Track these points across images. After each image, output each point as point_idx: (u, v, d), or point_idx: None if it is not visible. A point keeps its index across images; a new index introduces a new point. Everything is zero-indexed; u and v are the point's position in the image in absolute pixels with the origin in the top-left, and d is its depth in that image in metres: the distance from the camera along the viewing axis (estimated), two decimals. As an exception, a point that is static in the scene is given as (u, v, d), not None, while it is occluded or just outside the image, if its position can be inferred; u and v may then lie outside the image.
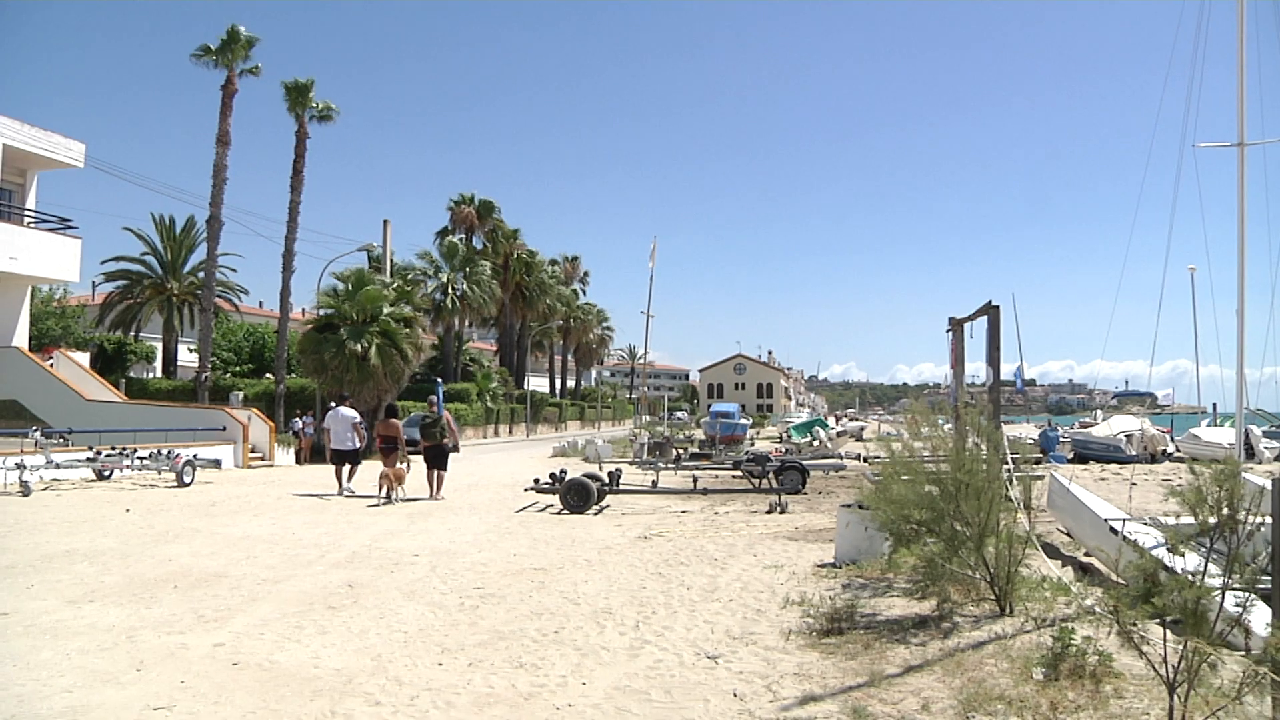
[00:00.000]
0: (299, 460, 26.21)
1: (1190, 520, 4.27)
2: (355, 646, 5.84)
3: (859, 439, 41.32)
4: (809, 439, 32.33)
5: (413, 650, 5.75)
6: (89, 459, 17.27)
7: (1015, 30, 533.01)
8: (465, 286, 45.14)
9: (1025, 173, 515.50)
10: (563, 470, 14.58)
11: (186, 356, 39.86)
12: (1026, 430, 41.35)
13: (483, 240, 52.44)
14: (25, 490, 14.72)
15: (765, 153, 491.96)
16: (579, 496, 13.46)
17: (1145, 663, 4.23)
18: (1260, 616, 4.64)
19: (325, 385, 28.17)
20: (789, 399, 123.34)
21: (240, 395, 30.09)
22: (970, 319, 12.35)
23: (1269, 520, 4.19)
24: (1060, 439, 31.20)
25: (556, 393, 69.34)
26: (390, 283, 32.36)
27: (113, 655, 5.56)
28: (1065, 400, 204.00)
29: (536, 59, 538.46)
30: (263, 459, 24.49)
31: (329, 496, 15.39)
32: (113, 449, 17.91)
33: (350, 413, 16.60)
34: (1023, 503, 6.85)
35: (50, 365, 25.84)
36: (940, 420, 8.03)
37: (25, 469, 15.06)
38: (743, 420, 36.92)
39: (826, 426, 37.84)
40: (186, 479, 17.14)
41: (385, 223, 36.67)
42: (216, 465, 20.81)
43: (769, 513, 13.15)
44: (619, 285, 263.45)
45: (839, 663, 5.39)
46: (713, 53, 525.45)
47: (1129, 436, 27.64)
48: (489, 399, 46.28)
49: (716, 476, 18.54)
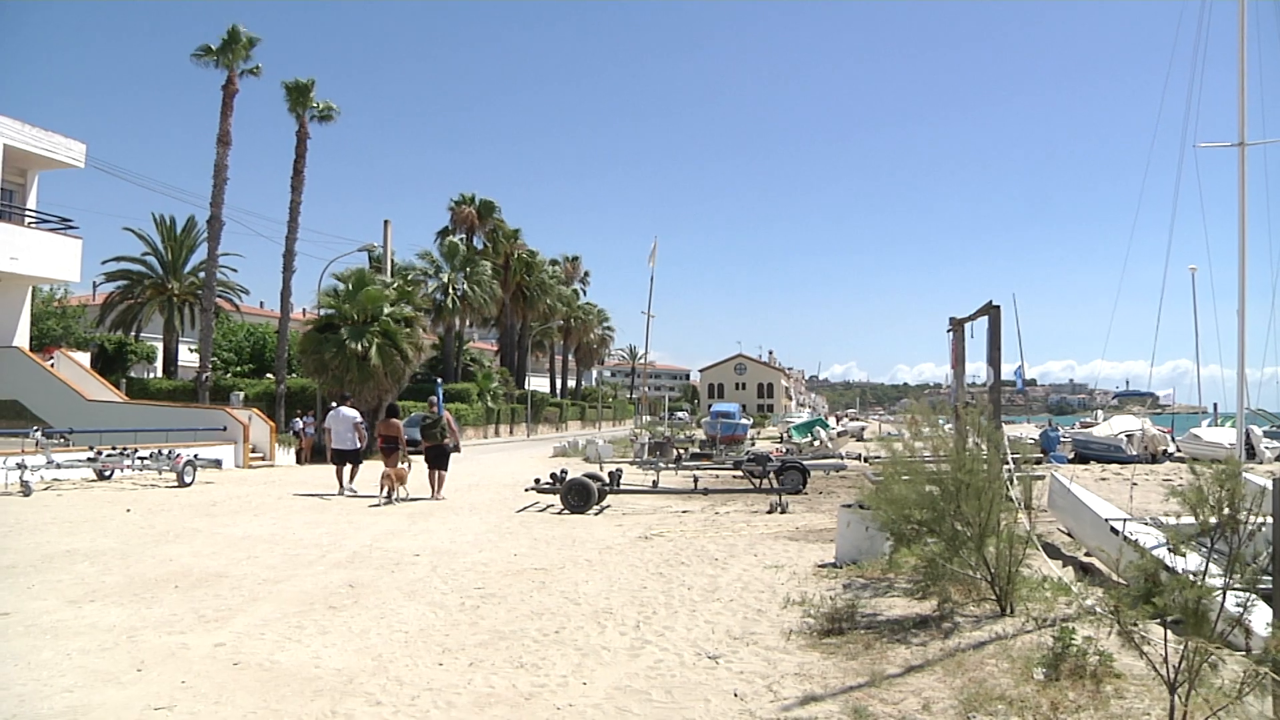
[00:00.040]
0: (300, 460, 26.23)
1: (1191, 520, 4.27)
2: (356, 646, 5.84)
3: (859, 439, 41.31)
4: (810, 439, 32.33)
5: (413, 650, 5.75)
6: (90, 459, 17.29)
7: (1015, 30, 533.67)
8: (466, 286, 45.16)
9: (1025, 173, 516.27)
10: (563, 470, 14.58)
11: (187, 356, 39.90)
12: (1027, 430, 41.33)
13: (483, 240, 52.45)
14: (26, 490, 14.73)
15: (765, 153, 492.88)
16: (580, 496, 13.47)
17: (1146, 663, 4.23)
18: (1261, 617, 4.64)
19: (326, 385, 28.17)
20: (789, 399, 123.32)
21: (241, 395, 30.09)
22: (971, 319, 12.35)
23: (1270, 520, 4.19)
24: (1061, 439, 31.20)
25: (557, 393, 69.34)
26: (391, 283, 32.35)
27: (113, 655, 5.56)
28: (1066, 400, 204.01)
29: (536, 59, 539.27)
30: (263, 459, 24.51)
31: (330, 496, 15.40)
32: (113, 449, 17.92)
33: (351, 413, 16.62)
34: (1023, 503, 6.85)
35: (51, 365, 25.86)
36: (941, 420, 8.03)
37: (26, 469, 15.06)
38: (743, 420, 36.87)
39: (827, 426, 37.81)
40: (187, 479, 17.15)
41: (386, 223, 36.72)
42: (217, 465, 20.84)
43: (770, 513, 13.15)
44: (619, 285, 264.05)
45: (840, 663, 5.39)
46: (713, 53, 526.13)
47: (1130, 436, 27.62)
48: (489, 399, 46.29)
49: (717, 476, 18.53)
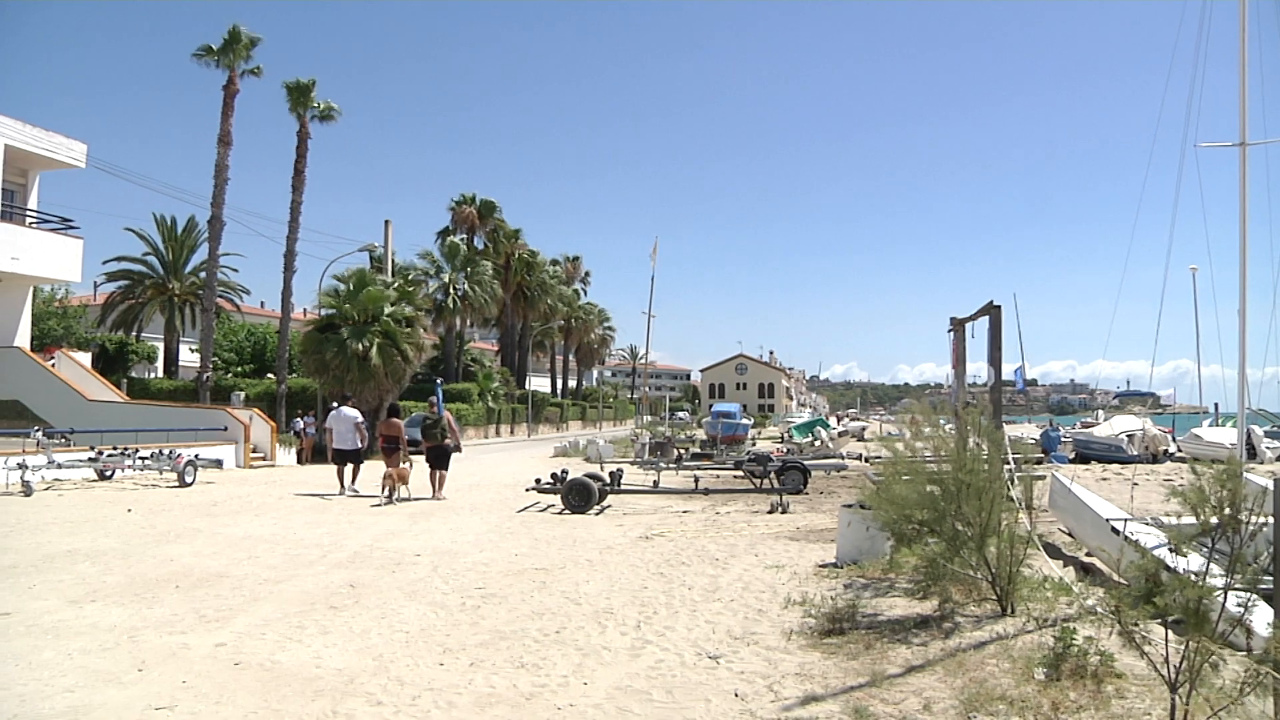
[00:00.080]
0: (300, 460, 26.24)
1: (1192, 520, 4.26)
2: (357, 646, 5.84)
3: (860, 439, 41.30)
4: (810, 439, 32.32)
5: (414, 650, 5.75)
6: (91, 459, 17.30)
7: (1015, 30, 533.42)
8: (467, 286, 45.17)
9: (1025, 173, 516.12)
10: (564, 470, 14.58)
11: (188, 356, 39.92)
12: (1028, 430, 41.33)
13: (484, 240, 52.44)
14: (27, 490, 14.74)
15: (765, 153, 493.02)
16: (580, 496, 13.47)
17: (1147, 663, 4.23)
18: (1262, 617, 4.64)
19: (326, 385, 28.18)
20: (790, 399, 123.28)
21: (242, 395, 30.13)
22: (971, 319, 12.36)
23: (1271, 520, 4.19)
24: (1062, 439, 31.21)
25: (558, 393, 69.36)
26: (392, 283, 32.36)
27: (114, 655, 5.56)
28: (1067, 400, 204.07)
29: (536, 59, 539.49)
30: (264, 459, 24.52)
31: (330, 496, 15.41)
32: (114, 449, 17.93)
33: (353, 413, 16.62)
34: (1024, 503, 6.84)
35: (52, 365, 25.87)
36: (942, 420, 8.03)
37: (27, 469, 15.07)
38: (744, 420, 36.88)
39: (828, 426, 37.82)
40: (188, 479, 17.15)
41: (387, 223, 36.68)
42: (218, 465, 20.84)
43: (770, 513, 13.15)
44: (620, 285, 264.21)
45: (840, 663, 5.39)
46: (713, 53, 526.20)
47: (1130, 436, 27.59)
48: (490, 399, 46.30)
49: (718, 476, 18.53)
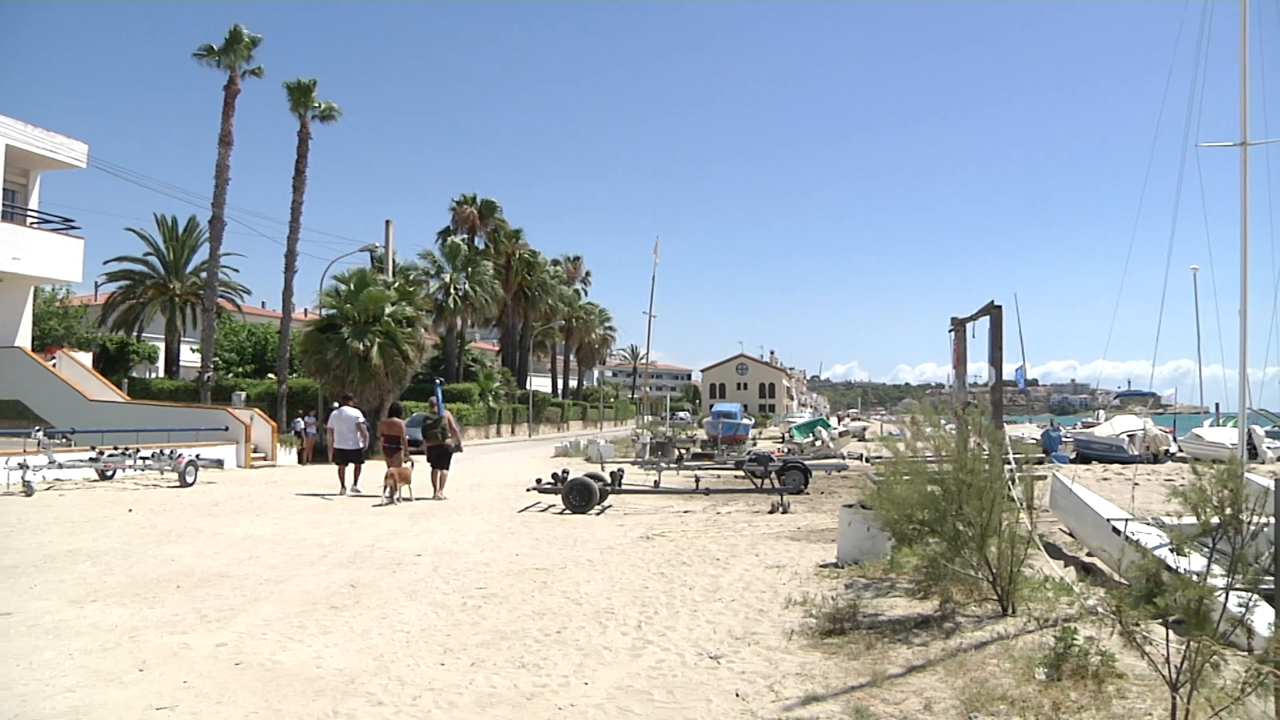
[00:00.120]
0: (301, 460, 26.25)
1: (1193, 520, 4.26)
2: (358, 646, 5.84)
3: (861, 439, 41.31)
4: (811, 439, 32.33)
5: (415, 650, 5.75)
6: (92, 459, 17.31)
7: (1015, 30, 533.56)
8: (467, 286, 45.19)
9: (1026, 172, 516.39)
10: (565, 470, 14.58)
11: (189, 357, 39.95)
12: (1029, 430, 41.31)
13: (485, 240, 52.44)
14: (28, 490, 14.74)
15: (765, 153, 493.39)
16: (581, 496, 13.47)
17: (1148, 663, 4.23)
18: (1263, 617, 4.64)
19: (327, 385, 28.20)
20: (791, 399, 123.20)
21: (243, 395, 30.14)
22: (972, 319, 12.34)
23: (1272, 521, 4.19)
24: (1063, 439, 31.21)
25: (559, 393, 69.36)
26: (392, 283, 32.37)
27: (115, 655, 5.57)
28: (1068, 400, 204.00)
29: (536, 59, 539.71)
30: (265, 459, 24.54)
31: (331, 496, 15.41)
32: (115, 449, 17.93)
33: (354, 413, 16.62)
34: (1025, 503, 6.84)
35: (53, 365, 25.89)
36: (942, 420, 8.02)
37: (28, 469, 15.07)
38: (745, 420, 36.86)
39: (829, 426, 37.82)
40: (189, 479, 17.16)
41: (387, 223, 36.64)
42: (219, 465, 20.84)
43: (771, 513, 13.15)
44: (620, 285, 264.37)
45: (841, 663, 5.38)
46: (713, 53, 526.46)
47: (1131, 436, 27.59)
48: (491, 399, 46.31)
49: (719, 476, 18.53)
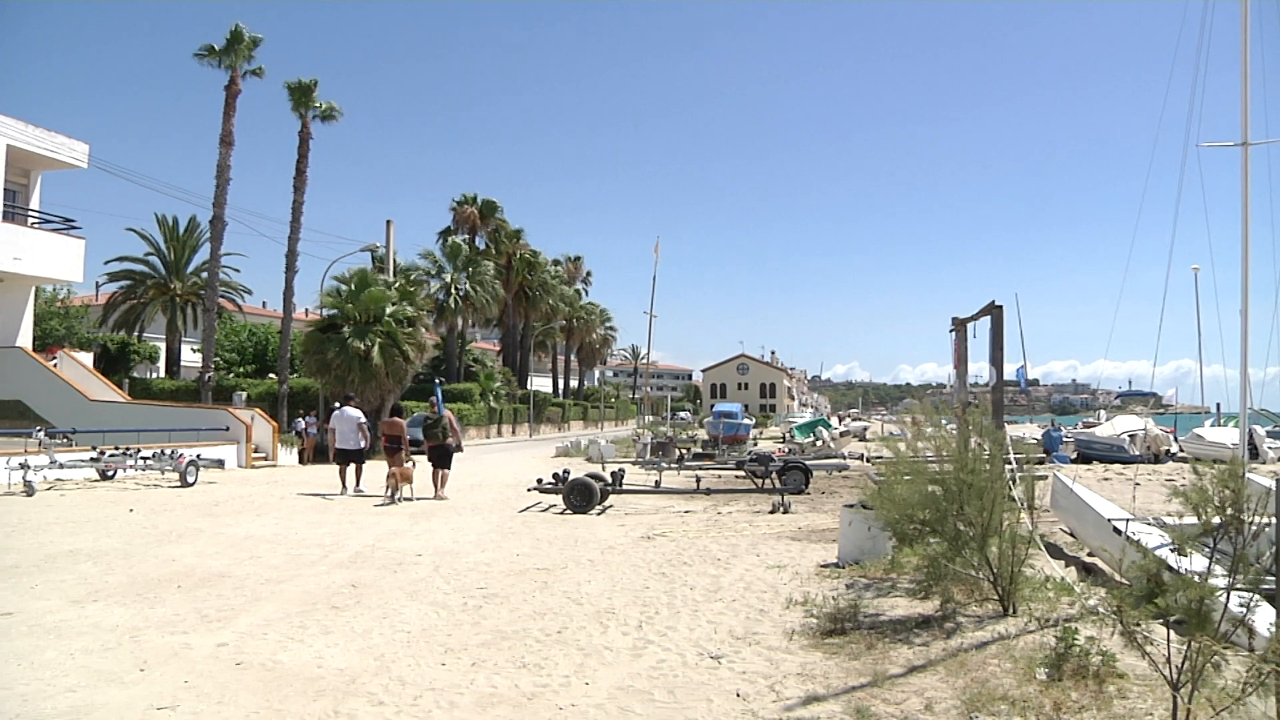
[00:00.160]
0: (302, 460, 26.26)
1: (1194, 520, 4.26)
2: (358, 646, 5.84)
3: (862, 439, 41.31)
4: (812, 439, 32.35)
5: (416, 650, 5.75)
6: (93, 459, 17.31)
7: (1015, 30, 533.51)
8: (468, 286, 45.20)
9: (1027, 172, 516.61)
10: (566, 470, 14.59)
11: (190, 357, 39.97)
12: (1030, 430, 41.31)
13: (485, 240, 52.45)
14: (29, 490, 14.75)
15: (765, 153, 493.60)
16: (582, 496, 13.47)
17: (1149, 663, 4.23)
18: (1264, 617, 4.63)
19: (328, 385, 28.21)
20: (792, 399, 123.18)
21: (243, 395, 30.15)
22: (973, 319, 12.35)
23: (1273, 521, 4.18)
24: (1064, 439, 31.19)
25: (559, 393, 69.36)
26: (393, 283, 32.37)
27: (116, 655, 5.57)
28: (1069, 400, 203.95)
29: (537, 59, 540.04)
30: (266, 459, 24.54)
31: (332, 496, 15.42)
32: (116, 449, 17.93)
33: (356, 413, 16.62)
34: (1026, 503, 6.83)
35: (54, 365, 25.90)
36: (943, 420, 8.02)
37: (29, 469, 15.08)
38: (746, 420, 36.85)
39: (830, 426, 37.85)
40: (190, 479, 17.16)
41: (388, 223, 36.61)
42: (220, 465, 20.84)
43: (772, 513, 13.15)
44: (621, 285, 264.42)
45: (842, 663, 5.38)
46: (713, 53, 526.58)
47: (1132, 436, 27.58)
48: (492, 399, 46.32)
49: (719, 476, 18.53)
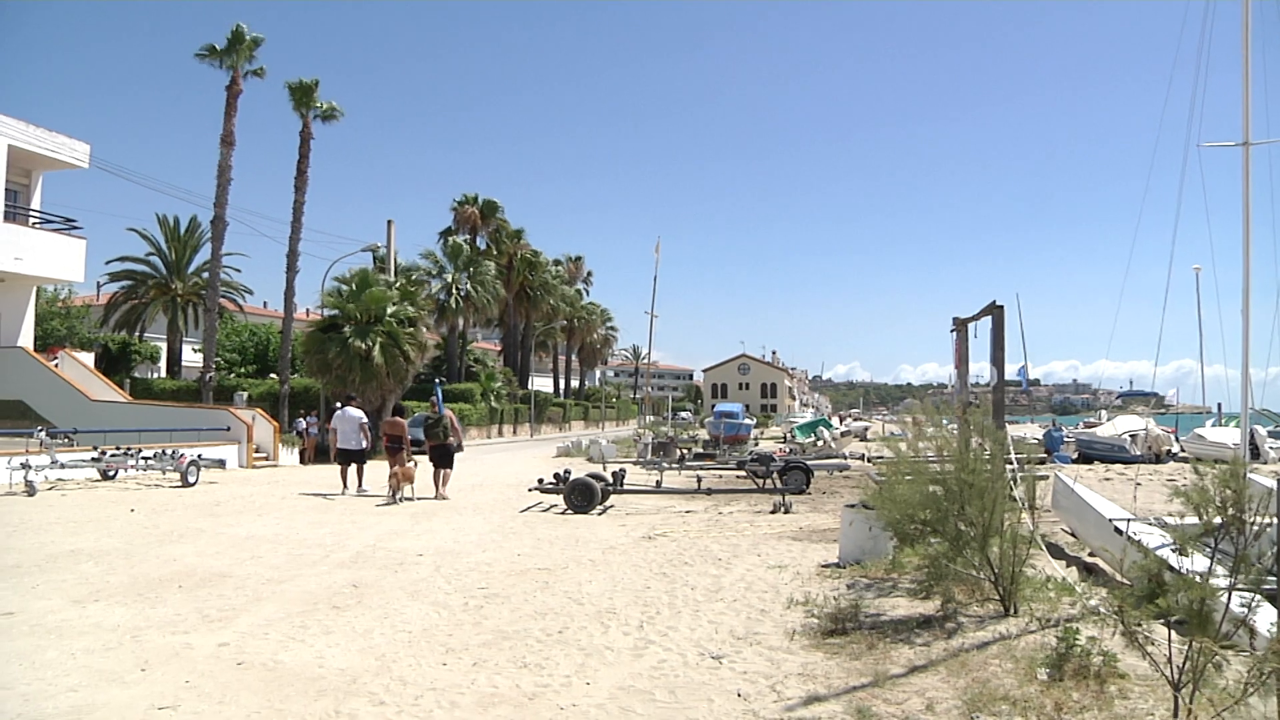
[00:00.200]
0: (303, 460, 26.25)
1: (1195, 521, 4.25)
2: (360, 646, 5.84)
3: (863, 439, 41.32)
4: (813, 439, 32.36)
5: (417, 650, 5.76)
6: (94, 459, 17.32)
7: (1015, 30, 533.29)
8: (469, 286, 45.23)
9: (1027, 172, 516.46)
10: (567, 470, 14.58)
11: (191, 357, 40.01)
12: (1031, 430, 41.29)
13: (486, 240, 52.49)
14: (30, 490, 14.76)
15: (765, 153, 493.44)
16: (583, 496, 13.46)
17: (1150, 663, 4.23)
18: (1265, 617, 4.63)
19: (329, 385, 28.21)
20: (793, 399, 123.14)
21: (244, 395, 30.16)
22: (974, 319, 12.35)
23: (1275, 521, 4.18)
24: (1065, 439, 31.17)
25: (560, 393, 69.39)
26: (394, 283, 32.39)
27: (117, 655, 5.57)
28: (1070, 400, 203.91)
29: (537, 59, 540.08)
30: (267, 459, 24.55)
31: (333, 496, 15.42)
32: (117, 449, 17.94)
33: (357, 413, 16.63)
34: (1027, 503, 6.83)
35: (55, 365, 25.91)
36: (944, 420, 8.02)
37: (30, 469, 15.09)
38: (747, 420, 36.82)
39: (831, 426, 37.86)
40: (191, 479, 17.17)
41: (389, 223, 36.65)
42: (221, 465, 20.83)
43: (773, 513, 13.14)
44: (622, 285, 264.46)
45: (843, 663, 5.38)
46: (713, 53, 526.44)
47: (1133, 436, 27.57)
48: (493, 399, 46.33)
49: (720, 476, 18.53)
